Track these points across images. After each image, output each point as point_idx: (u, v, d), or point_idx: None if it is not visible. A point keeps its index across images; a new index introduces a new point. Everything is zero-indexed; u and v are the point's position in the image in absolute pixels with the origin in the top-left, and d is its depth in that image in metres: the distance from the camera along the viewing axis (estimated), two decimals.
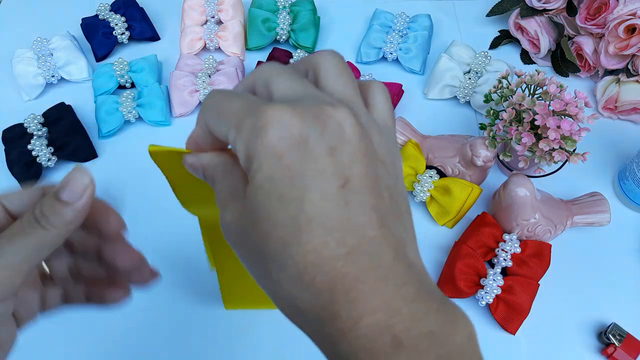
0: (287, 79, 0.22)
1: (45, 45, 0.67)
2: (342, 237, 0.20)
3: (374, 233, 0.20)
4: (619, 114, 0.66)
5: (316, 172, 0.20)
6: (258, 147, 0.20)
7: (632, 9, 0.60)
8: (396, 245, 0.21)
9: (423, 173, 0.57)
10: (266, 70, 0.23)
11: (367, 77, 0.65)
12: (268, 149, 0.20)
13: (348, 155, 0.20)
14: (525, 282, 0.51)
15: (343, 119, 0.20)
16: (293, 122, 0.20)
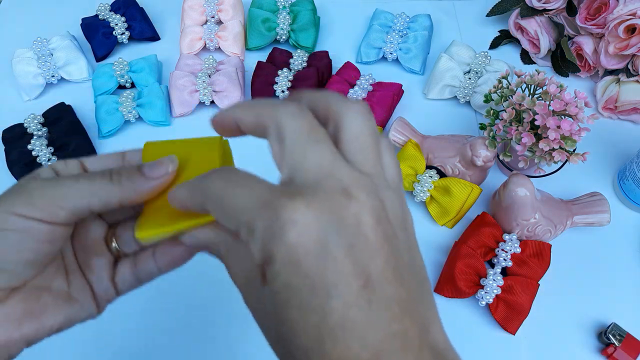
0: (309, 149, 0.21)
1: (45, 45, 0.67)
2: (366, 338, 0.19)
3: (397, 327, 0.20)
4: (619, 114, 0.66)
5: (336, 274, 0.19)
6: (275, 252, 0.19)
7: (632, 9, 0.60)
8: (420, 332, 0.21)
9: (423, 173, 0.57)
10: (284, 123, 0.21)
11: (367, 77, 0.65)
12: (286, 255, 0.19)
13: (367, 251, 0.20)
14: (525, 282, 0.51)
15: (360, 212, 0.20)
16: (310, 223, 0.19)
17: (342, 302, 0.19)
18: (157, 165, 0.26)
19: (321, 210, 0.19)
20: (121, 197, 0.25)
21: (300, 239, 0.19)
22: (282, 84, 0.65)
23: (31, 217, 0.24)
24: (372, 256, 0.20)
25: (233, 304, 0.54)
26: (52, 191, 0.25)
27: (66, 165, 0.27)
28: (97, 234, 0.29)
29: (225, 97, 0.65)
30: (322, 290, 0.19)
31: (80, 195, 0.25)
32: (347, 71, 0.66)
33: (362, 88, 0.65)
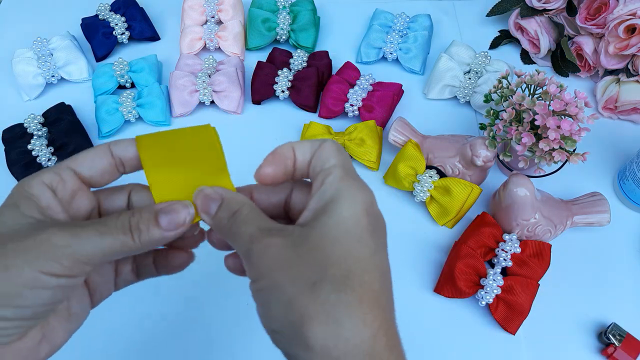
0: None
1: (45, 45, 0.67)
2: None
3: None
4: (619, 114, 0.66)
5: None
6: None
7: (632, 9, 0.60)
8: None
9: (423, 173, 0.57)
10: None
11: (367, 77, 0.66)
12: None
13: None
14: (525, 282, 0.51)
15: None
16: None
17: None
18: (175, 216, 0.27)
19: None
20: (139, 250, 0.27)
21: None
22: (282, 84, 0.65)
23: (61, 275, 0.25)
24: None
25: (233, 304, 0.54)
26: (80, 250, 0.25)
27: (60, 178, 0.27)
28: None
29: (225, 97, 0.65)
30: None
31: (104, 254, 0.26)
32: (347, 71, 0.66)
33: (362, 88, 0.65)
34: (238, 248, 0.27)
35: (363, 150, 0.60)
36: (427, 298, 0.54)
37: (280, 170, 0.28)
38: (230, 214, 0.27)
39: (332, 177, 0.26)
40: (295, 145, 0.28)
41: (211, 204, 0.28)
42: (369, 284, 0.24)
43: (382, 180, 0.62)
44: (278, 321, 0.24)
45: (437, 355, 0.51)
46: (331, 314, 0.23)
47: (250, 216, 0.27)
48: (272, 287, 0.24)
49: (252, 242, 0.25)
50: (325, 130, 0.61)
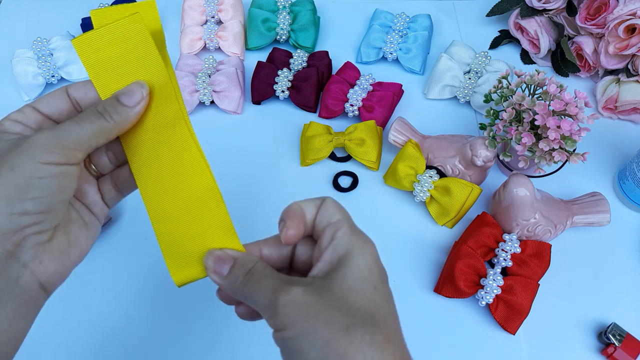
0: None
1: (45, 45, 0.67)
2: None
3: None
4: (619, 114, 0.66)
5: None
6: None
7: (632, 9, 0.60)
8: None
9: (423, 173, 0.57)
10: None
11: (367, 77, 0.66)
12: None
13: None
14: (525, 282, 0.51)
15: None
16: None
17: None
18: (131, 93, 0.31)
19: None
20: (117, 129, 0.31)
21: None
22: (282, 84, 0.65)
23: (58, 162, 0.28)
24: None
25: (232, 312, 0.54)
26: (66, 137, 0.29)
27: (23, 113, 0.31)
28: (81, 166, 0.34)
29: (225, 97, 0.65)
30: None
31: (88, 137, 0.30)
32: (347, 71, 0.66)
33: (362, 88, 0.65)
34: (258, 301, 0.28)
35: (363, 150, 0.60)
36: (427, 298, 0.54)
37: (301, 228, 0.30)
38: (245, 272, 0.29)
39: (341, 232, 0.29)
40: (301, 203, 0.31)
41: (223, 266, 0.30)
42: (391, 326, 0.27)
43: (382, 180, 0.62)
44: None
45: (437, 355, 0.51)
46: (367, 353, 0.25)
47: (266, 271, 0.29)
48: (305, 334, 0.26)
49: (276, 292, 0.27)
50: (325, 130, 0.61)
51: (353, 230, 0.30)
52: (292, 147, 0.64)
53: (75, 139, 0.29)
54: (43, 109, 0.32)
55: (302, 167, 0.63)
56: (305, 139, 0.62)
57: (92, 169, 0.34)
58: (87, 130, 0.30)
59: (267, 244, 0.32)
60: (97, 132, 0.30)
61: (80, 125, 0.30)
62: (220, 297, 0.33)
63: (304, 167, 0.63)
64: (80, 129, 0.30)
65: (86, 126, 0.30)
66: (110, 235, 0.57)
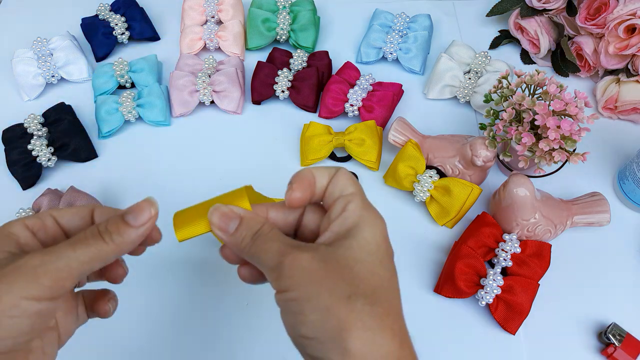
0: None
1: (45, 45, 0.67)
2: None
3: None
4: (619, 114, 0.66)
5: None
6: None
7: (632, 9, 0.60)
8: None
9: (423, 173, 0.57)
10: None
11: (367, 77, 0.66)
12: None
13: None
14: (525, 282, 0.51)
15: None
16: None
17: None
18: (139, 212, 0.28)
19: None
20: (117, 252, 0.28)
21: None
22: (282, 84, 0.65)
23: (41, 297, 0.25)
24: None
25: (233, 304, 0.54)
26: (56, 266, 0.26)
27: (41, 221, 0.29)
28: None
29: (225, 97, 0.65)
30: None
31: (81, 263, 0.27)
32: (347, 71, 0.66)
33: (362, 88, 0.65)
34: (265, 262, 0.28)
35: (363, 150, 0.60)
36: (427, 298, 0.54)
37: (307, 194, 0.30)
38: (252, 233, 0.29)
39: (353, 204, 0.29)
40: (314, 170, 0.31)
41: (230, 223, 0.29)
42: (391, 301, 0.28)
43: (382, 180, 0.62)
44: (314, 328, 0.26)
45: (437, 355, 0.51)
46: (367, 323, 0.25)
47: (273, 233, 0.29)
48: (307, 297, 0.26)
49: (283, 256, 0.27)
50: (325, 130, 0.61)
51: (364, 204, 0.29)
52: (292, 147, 0.64)
53: (66, 264, 0.26)
54: (64, 224, 0.29)
55: (302, 167, 0.63)
56: (305, 139, 0.62)
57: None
58: (82, 255, 0.27)
59: (274, 207, 0.32)
60: (92, 257, 0.27)
61: (75, 248, 0.27)
62: (223, 256, 0.32)
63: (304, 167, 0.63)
64: (73, 252, 0.26)
65: (81, 250, 0.27)
66: None
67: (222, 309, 0.54)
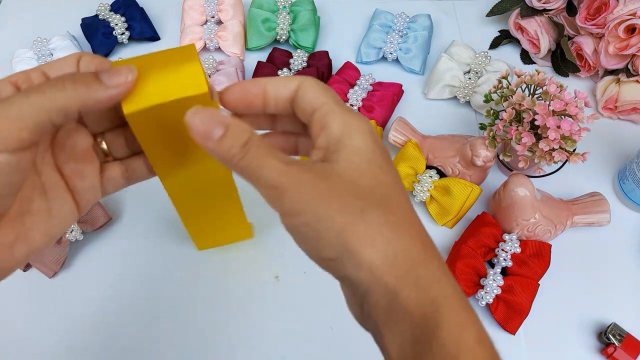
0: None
1: (45, 45, 0.67)
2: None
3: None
4: (619, 114, 0.66)
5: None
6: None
7: (632, 9, 0.60)
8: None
9: (423, 173, 0.57)
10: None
11: (367, 77, 0.66)
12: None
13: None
14: (525, 282, 0.51)
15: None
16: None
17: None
18: (116, 74, 0.26)
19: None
20: (79, 104, 0.25)
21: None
22: None
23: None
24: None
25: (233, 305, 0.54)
26: (6, 113, 0.23)
27: (28, 78, 0.27)
28: (84, 143, 0.30)
29: None
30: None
31: (36, 110, 0.24)
32: (347, 71, 0.66)
33: (362, 88, 0.65)
34: (262, 180, 0.25)
35: None
36: None
37: (243, 98, 0.28)
38: (242, 144, 0.25)
39: (331, 114, 0.27)
40: (268, 81, 0.28)
41: (214, 128, 0.24)
42: (403, 205, 0.26)
43: None
44: (333, 249, 0.24)
45: None
46: (384, 233, 0.24)
47: (265, 147, 0.25)
48: (320, 219, 0.24)
49: (284, 175, 0.24)
50: None
51: (342, 109, 0.27)
52: None
53: (18, 112, 0.23)
54: (53, 75, 0.27)
55: None
56: None
57: (101, 150, 0.30)
58: (37, 102, 0.24)
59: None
60: (50, 104, 0.24)
61: (29, 94, 0.24)
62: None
63: None
64: (27, 99, 0.24)
65: (36, 96, 0.24)
66: (110, 235, 0.57)
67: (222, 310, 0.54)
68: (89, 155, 0.30)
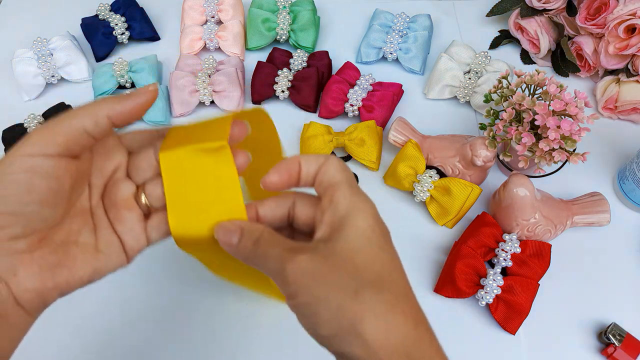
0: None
1: (45, 45, 0.67)
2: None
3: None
4: (619, 114, 0.66)
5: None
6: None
7: (632, 9, 0.60)
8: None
9: (423, 173, 0.57)
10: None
11: (367, 77, 0.66)
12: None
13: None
14: (525, 282, 0.51)
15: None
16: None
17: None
18: (140, 88, 0.30)
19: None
20: (107, 110, 0.28)
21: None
22: (282, 84, 0.65)
23: (32, 154, 0.27)
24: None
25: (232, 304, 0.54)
26: (48, 125, 0.27)
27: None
28: (126, 192, 0.33)
29: (225, 97, 0.65)
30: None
31: (70, 117, 0.28)
32: (347, 71, 0.66)
33: (362, 88, 0.65)
34: (269, 268, 0.29)
35: (363, 150, 0.60)
36: (427, 298, 0.54)
37: (284, 178, 0.31)
38: (253, 241, 0.29)
39: (341, 193, 0.29)
40: (302, 158, 0.31)
41: (232, 237, 0.30)
42: (398, 283, 0.28)
43: (382, 180, 0.62)
44: (330, 327, 0.26)
45: None
46: (378, 313, 0.26)
47: (272, 239, 0.29)
48: (317, 300, 0.26)
49: (284, 262, 0.27)
50: (325, 130, 0.61)
51: (352, 191, 0.30)
52: (292, 147, 0.64)
53: (57, 123, 0.27)
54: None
55: None
56: (305, 139, 0.62)
57: (142, 202, 0.33)
58: (73, 113, 0.28)
59: (262, 203, 0.32)
60: (84, 113, 0.28)
61: (66, 112, 0.28)
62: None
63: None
64: (67, 113, 0.28)
65: (74, 110, 0.28)
66: None
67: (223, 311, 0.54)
68: (130, 203, 0.32)
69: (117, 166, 0.33)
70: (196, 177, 0.32)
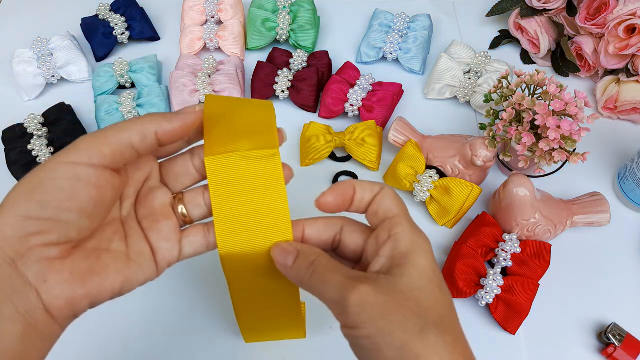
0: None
1: (45, 45, 0.67)
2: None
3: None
4: (619, 114, 0.66)
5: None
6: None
7: (632, 9, 0.60)
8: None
9: (423, 173, 0.57)
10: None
11: (367, 77, 0.66)
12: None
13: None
14: (525, 282, 0.51)
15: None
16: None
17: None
18: (187, 108, 0.31)
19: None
20: (156, 127, 0.28)
21: None
22: (282, 84, 0.65)
23: (78, 162, 0.26)
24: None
25: None
26: (96, 135, 0.27)
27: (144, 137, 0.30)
28: (163, 200, 0.32)
29: None
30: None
31: (118, 130, 0.28)
32: (347, 71, 0.66)
33: (362, 88, 0.65)
34: (326, 295, 0.28)
35: (363, 150, 0.60)
36: None
37: (338, 201, 0.31)
38: (309, 263, 0.29)
39: (401, 228, 0.30)
40: (357, 184, 0.31)
41: (288, 257, 0.30)
42: (456, 325, 0.29)
43: (382, 181, 0.62)
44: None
45: None
46: (441, 354, 0.26)
47: (331, 265, 0.29)
48: (381, 334, 0.26)
49: (346, 290, 0.27)
50: (325, 130, 0.61)
51: (412, 227, 0.30)
52: (292, 147, 0.64)
53: (105, 134, 0.28)
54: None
55: (302, 167, 0.63)
56: (305, 139, 0.62)
57: (179, 211, 0.32)
58: (122, 126, 0.28)
59: (309, 223, 0.32)
60: (132, 127, 0.28)
61: (114, 124, 0.29)
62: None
63: (304, 167, 0.63)
64: (115, 125, 0.28)
65: (123, 123, 0.29)
66: None
67: (224, 313, 0.54)
68: (167, 211, 0.32)
69: (149, 173, 0.32)
70: (244, 188, 0.31)
